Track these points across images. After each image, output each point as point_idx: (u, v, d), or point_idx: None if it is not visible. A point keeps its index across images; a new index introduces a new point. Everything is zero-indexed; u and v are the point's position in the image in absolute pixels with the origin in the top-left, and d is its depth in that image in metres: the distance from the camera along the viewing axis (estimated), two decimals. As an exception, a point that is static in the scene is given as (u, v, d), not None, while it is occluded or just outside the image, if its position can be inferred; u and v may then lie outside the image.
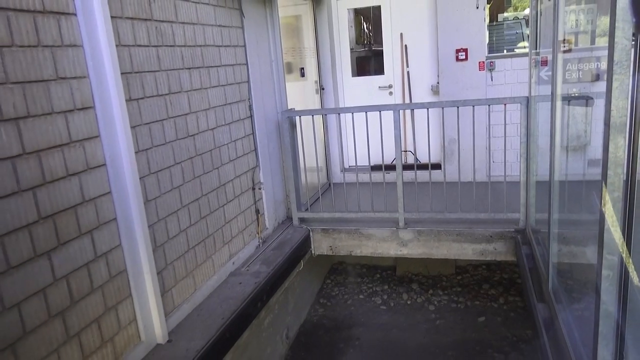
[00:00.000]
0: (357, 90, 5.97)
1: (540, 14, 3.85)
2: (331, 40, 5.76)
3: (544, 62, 3.71)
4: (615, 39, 1.52)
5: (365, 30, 6.59)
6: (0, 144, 1.91)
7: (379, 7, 5.72)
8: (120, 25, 2.55)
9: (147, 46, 2.78)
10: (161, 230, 2.88)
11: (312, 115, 4.55)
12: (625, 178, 1.62)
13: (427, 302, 5.20)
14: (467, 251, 4.17)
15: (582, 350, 2.05)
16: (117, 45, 2.50)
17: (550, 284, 2.86)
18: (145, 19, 2.77)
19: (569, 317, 2.44)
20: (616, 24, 1.51)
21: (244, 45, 3.96)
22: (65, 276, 2.20)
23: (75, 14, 2.27)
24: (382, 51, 5.85)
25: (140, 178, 2.66)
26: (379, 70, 5.91)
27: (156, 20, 2.86)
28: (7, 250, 1.93)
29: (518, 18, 5.93)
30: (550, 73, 3.15)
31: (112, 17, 2.44)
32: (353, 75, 6.00)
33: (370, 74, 6.05)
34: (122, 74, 2.51)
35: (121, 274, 2.55)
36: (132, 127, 2.60)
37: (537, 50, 4.03)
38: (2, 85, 1.92)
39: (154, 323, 2.74)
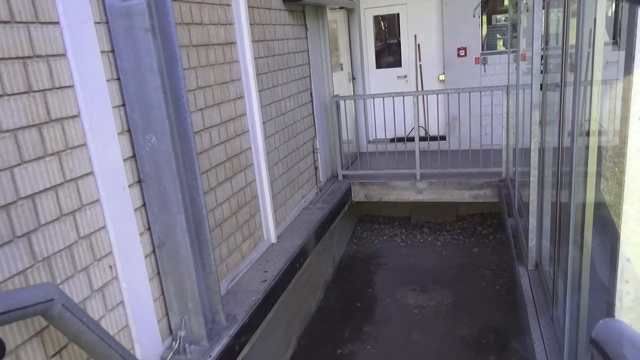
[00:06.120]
0: (381, 78, 7.61)
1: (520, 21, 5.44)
2: (360, 41, 7.38)
3: (523, 57, 5.33)
4: (533, 61, 3.17)
5: (382, 27, 8.20)
6: (211, 118, 3.59)
7: (398, 14, 7.33)
8: (253, 46, 4.20)
9: (263, 57, 4.44)
10: (271, 173, 4.57)
11: (354, 100, 6.21)
12: (539, 132, 3.30)
13: (435, 240, 6.92)
14: (465, 196, 5.87)
15: (527, 225, 3.75)
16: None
17: (516, 205, 4.55)
18: (262, 40, 4.42)
19: (525, 221, 4.14)
20: (533, 55, 3.17)
21: (307, 51, 5.59)
22: (236, 193, 3.90)
23: (236, 43, 3.92)
24: (395, 44, 7.48)
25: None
26: (397, 63, 7.54)
27: (267, 40, 4.51)
28: (218, 174, 3.62)
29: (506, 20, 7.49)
30: (527, 67, 4.77)
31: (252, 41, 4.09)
32: (377, 68, 7.63)
33: (389, 67, 7.68)
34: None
35: (255, 197, 4.25)
36: (261, 108, 4.27)
37: (514, 49, 5.65)
38: (209, 87, 3.59)
39: (270, 229, 4.44)
